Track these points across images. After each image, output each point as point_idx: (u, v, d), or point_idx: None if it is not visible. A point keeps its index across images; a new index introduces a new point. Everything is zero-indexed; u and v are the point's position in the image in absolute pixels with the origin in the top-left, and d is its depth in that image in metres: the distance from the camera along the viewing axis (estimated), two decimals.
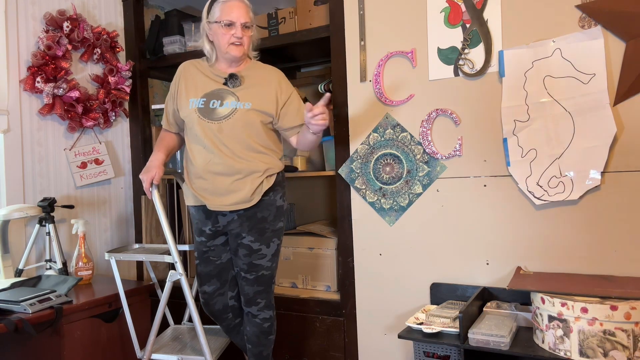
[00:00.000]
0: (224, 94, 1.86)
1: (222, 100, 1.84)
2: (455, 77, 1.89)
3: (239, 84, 1.86)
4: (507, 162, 1.80)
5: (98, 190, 2.59)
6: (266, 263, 1.88)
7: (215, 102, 1.84)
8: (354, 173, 2.10)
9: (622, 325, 1.37)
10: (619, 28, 1.63)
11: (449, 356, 1.63)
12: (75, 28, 2.38)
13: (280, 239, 1.94)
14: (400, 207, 2.01)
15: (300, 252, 2.39)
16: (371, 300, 2.08)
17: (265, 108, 1.85)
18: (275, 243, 1.91)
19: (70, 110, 2.38)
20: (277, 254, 1.93)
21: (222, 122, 1.81)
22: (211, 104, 1.84)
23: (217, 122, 1.81)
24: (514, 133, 1.79)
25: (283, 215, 1.94)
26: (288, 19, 2.33)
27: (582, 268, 1.71)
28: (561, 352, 1.45)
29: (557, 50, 1.72)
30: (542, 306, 1.50)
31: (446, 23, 1.90)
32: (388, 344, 2.04)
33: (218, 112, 1.83)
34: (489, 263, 1.86)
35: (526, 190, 1.76)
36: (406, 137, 1.99)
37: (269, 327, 1.95)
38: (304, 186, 2.92)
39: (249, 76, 1.90)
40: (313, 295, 2.28)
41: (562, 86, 1.71)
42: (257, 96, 1.86)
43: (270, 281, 1.93)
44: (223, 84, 1.86)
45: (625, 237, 1.65)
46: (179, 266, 1.91)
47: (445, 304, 1.86)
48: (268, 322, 1.94)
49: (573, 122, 1.70)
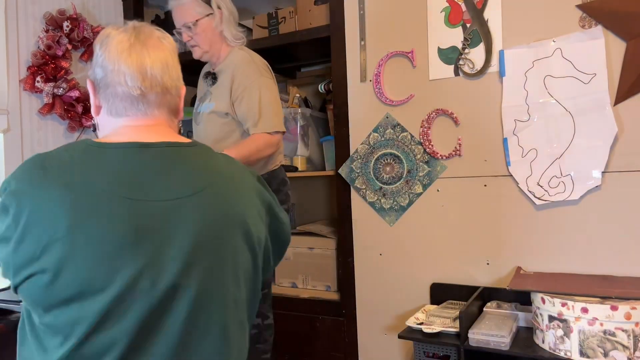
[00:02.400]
0: (206, 94, 1.82)
1: (202, 102, 1.81)
2: (456, 77, 1.89)
3: (212, 82, 1.78)
4: (507, 162, 1.80)
5: None
6: None
7: (200, 105, 1.82)
8: (354, 173, 2.10)
9: (622, 325, 1.36)
10: (619, 28, 1.62)
11: (449, 356, 1.63)
12: (75, 28, 2.37)
13: None
14: (400, 207, 2.01)
15: (300, 252, 2.39)
16: (371, 300, 2.08)
17: (220, 108, 1.72)
18: None
19: (70, 110, 2.38)
20: None
21: (198, 127, 1.79)
22: (198, 106, 1.83)
23: (197, 126, 1.80)
24: (515, 133, 1.78)
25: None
26: (288, 19, 2.33)
27: (582, 268, 1.70)
28: (561, 352, 1.44)
29: (558, 50, 1.71)
30: (542, 306, 1.50)
31: (446, 23, 1.90)
32: (388, 344, 2.04)
33: (199, 116, 1.81)
34: (489, 263, 1.86)
35: (527, 190, 1.76)
36: (406, 137, 1.98)
37: (255, 335, 1.87)
38: (304, 186, 2.91)
39: (222, 71, 1.78)
40: (313, 295, 2.28)
41: (562, 86, 1.71)
42: (219, 95, 1.74)
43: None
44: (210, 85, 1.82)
45: (625, 237, 1.65)
46: None
47: (445, 304, 1.86)
48: (254, 330, 1.87)
49: (573, 122, 1.70)
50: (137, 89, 0.90)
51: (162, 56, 0.94)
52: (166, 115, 0.96)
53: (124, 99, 0.91)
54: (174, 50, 0.98)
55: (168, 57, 0.95)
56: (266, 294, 1.86)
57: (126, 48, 0.91)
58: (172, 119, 0.98)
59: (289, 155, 2.49)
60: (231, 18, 1.83)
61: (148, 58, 0.92)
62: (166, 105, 0.95)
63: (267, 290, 1.87)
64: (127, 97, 0.91)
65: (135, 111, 0.92)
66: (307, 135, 2.45)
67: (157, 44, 0.94)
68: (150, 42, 0.93)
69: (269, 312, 1.90)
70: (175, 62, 0.97)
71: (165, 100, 0.94)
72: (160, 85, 0.92)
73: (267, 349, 1.90)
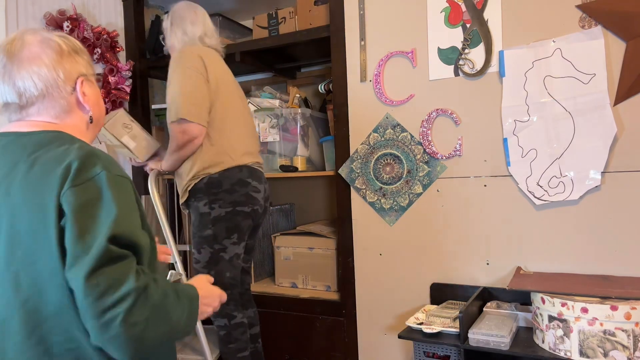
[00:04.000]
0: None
1: None
2: (456, 77, 1.89)
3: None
4: (507, 162, 1.80)
5: None
6: (201, 269, 1.83)
7: None
8: (354, 173, 2.10)
9: (622, 325, 1.36)
10: (619, 28, 1.63)
11: (449, 356, 1.63)
12: (76, 28, 2.37)
13: (212, 247, 1.84)
14: (400, 207, 2.01)
15: (300, 252, 2.39)
16: (371, 300, 2.08)
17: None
18: (207, 250, 1.84)
19: None
20: (213, 262, 1.84)
21: None
22: None
23: None
24: (514, 133, 1.79)
25: (212, 224, 1.84)
26: (288, 19, 2.33)
27: (582, 268, 1.71)
28: (561, 352, 1.45)
29: (558, 50, 1.72)
30: (542, 306, 1.50)
31: (446, 23, 1.90)
32: (388, 344, 2.04)
33: None
34: (489, 263, 1.86)
35: (526, 190, 1.76)
36: (406, 137, 1.99)
37: (225, 335, 1.89)
38: (304, 186, 2.92)
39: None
40: (313, 295, 2.28)
41: (562, 86, 1.71)
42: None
43: None
44: None
45: (625, 237, 1.65)
46: (179, 266, 1.91)
47: (445, 304, 1.86)
48: (223, 330, 1.89)
49: (573, 122, 1.70)
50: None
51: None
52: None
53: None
54: (59, 51, 1.03)
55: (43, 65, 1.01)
56: (229, 295, 1.83)
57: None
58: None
59: (289, 155, 2.49)
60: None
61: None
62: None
63: (230, 291, 1.85)
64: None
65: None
66: (307, 135, 2.45)
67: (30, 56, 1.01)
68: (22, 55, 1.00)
69: (236, 312, 1.90)
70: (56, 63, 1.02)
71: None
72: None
73: (243, 347, 1.91)
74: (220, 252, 1.85)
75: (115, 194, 0.90)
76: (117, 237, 0.87)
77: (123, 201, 0.91)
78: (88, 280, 0.83)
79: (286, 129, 2.41)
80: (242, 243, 1.90)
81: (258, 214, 1.94)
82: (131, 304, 0.84)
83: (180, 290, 0.99)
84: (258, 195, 1.92)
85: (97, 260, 0.83)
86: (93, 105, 1.08)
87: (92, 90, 1.09)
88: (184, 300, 0.98)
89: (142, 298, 0.85)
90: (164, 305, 0.91)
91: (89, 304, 0.83)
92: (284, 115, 2.40)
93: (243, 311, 1.95)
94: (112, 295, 0.83)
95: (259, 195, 1.92)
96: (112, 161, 0.97)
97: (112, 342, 0.84)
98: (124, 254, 0.88)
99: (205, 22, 2.01)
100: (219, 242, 1.85)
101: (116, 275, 0.85)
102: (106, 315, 0.82)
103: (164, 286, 0.93)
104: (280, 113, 2.39)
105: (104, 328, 0.83)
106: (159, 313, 0.89)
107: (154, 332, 0.88)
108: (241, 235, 1.89)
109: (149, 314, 0.86)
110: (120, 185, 0.93)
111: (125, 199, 0.93)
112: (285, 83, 2.90)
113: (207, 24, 2.02)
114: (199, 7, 2.04)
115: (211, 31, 2.02)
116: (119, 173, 0.95)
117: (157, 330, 0.88)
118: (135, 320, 0.84)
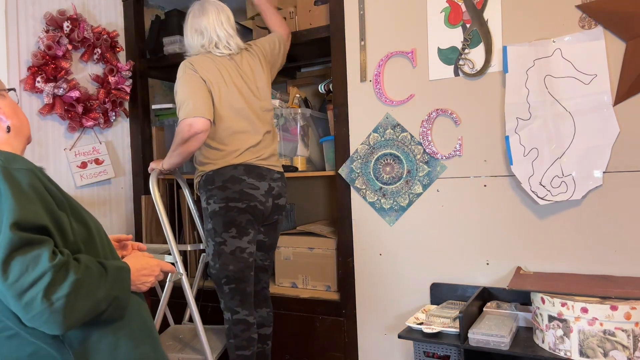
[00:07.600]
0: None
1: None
2: (456, 77, 1.89)
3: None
4: (509, 160, 1.80)
5: (98, 190, 2.59)
6: (210, 261, 1.93)
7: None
8: (354, 173, 2.10)
9: (622, 325, 1.37)
10: (619, 28, 1.63)
11: (449, 356, 1.63)
12: (76, 28, 2.37)
13: (214, 240, 1.90)
14: (400, 207, 2.01)
15: (300, 252, 2.39)
16: (371, 300, 2.08)
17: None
18: (211, 243, 1.92)
19: (71, 110, 2.38)
20: (217, 254, 1.90)
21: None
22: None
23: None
24: (516, 131, 1.78)
25: (210, 218, 1.91)
26: (288, 19, 2.33)
27: (582, 268, 1.71)
28: (561, 352, 1.45)
29: (558, 50, 1.72)
30: (542, 306, 1.50)
31: (446, 23, 1.90)
32: (388, 344, 2.04)
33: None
34: (489, 263, 1.86)
35: (529, 190, 1.76)
36: (406, 137, 1.99)
37: (228, 329, 1.93)
38: (304, 186, 2.92)
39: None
40: (313, 295, 2.28)
41: (562, 86, 1.71)
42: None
43: (219, 282, 1.91)
44: None
45: (626, 237, 1.65)
46: (179, 266, 1.91)
47: (445, 304, 1.86)
48: (227, 324, 1.94)
49: (574, 122, 1.70)
50: None
51: None
52: None
53: None
54: None
55: None
56: (233, 289, 1.91)
57: None
58: None
59: (289, 155, 2.49)
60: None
61: None
62: None
63: (234, 285, 1.90)
64: None
65: None
66: (307, 135, 2.45)
67: None
68: None
69: (240, 307, 1.92)
70: None
71: None
72: None
73: (242, 345, 1.91)
74: (221, 245, 1.90)
75: (11, 185, 0.97)
76: (20, 223, 0.94)
77: (18, 190, 0.98)
78: (2, 267, 0.91)
79: (286, 129, 2.41)
80: (244, 237, 1.90)
81: (258, 210, 1.92)
82: (48, 281, 0.92)
83: (108, 264, 1.07)
84: (256, 192, 1.91)
85: (6, 248, 0.91)
86: (9, 116, 1.19)
87: (5, 102, 1.21)
88: (111, 271, 1.06)
89: (61, 275, 0.94)
90: (87, 278, 0.99)
91: (8, 288, 0.91)
92: (284, 115, 2.40)
93: (253, 310, 1.97)
94: (28, 276, 0.91)
95: (257, 192, 1.91)
96: (15, 158, 1.06)
97: (38, 319, 0.93)
98: (34, 238, 0.95)
99: (209, 24, 2.02)
100: (219, 236, 1.90)
101: (29, 257, 0.93)
102: (26, 296, 0.91)
103: (87, 262, 1.02)
104: (280, 113, 2.39)
105: (28, 308, 0.92)
106: (82, 286, 0.97)
107: (79, 304, 0.96)
108: (241, 230, 1.89)
109: (71, 288, 0.94)
110: (17, 177, 1.00)
111: (22, 188, 0.99)
112: (285, 83, 2.90)
113: (212, 27, 2.02)
114: (210, 9, 2.03)
115: (217, 35, 2.01)
116: (20, 167, 1.03)
117: (83, 302, 0.97)
118: (56, 296, 0.92)
